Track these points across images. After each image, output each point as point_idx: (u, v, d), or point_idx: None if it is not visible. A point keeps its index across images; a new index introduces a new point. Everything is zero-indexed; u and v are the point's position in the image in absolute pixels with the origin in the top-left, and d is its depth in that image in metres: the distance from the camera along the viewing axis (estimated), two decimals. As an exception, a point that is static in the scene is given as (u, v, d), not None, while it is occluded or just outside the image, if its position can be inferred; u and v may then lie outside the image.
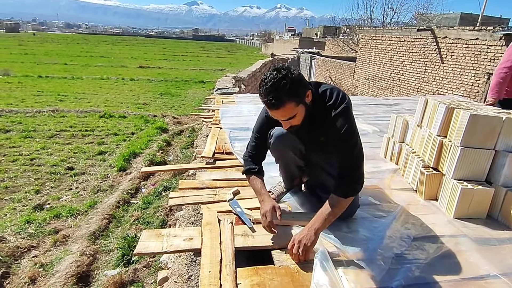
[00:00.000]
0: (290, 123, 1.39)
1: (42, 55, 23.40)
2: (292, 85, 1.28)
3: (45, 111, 7.92)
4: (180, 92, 12.28)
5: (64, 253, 2.92)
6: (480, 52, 7.78)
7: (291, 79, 1.28)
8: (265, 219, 1.46)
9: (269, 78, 1.28)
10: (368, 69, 12.99)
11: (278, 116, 1.37)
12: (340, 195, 1.41)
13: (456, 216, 1.79)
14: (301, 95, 1.35)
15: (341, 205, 1.43)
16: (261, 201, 1.56)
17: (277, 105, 1.30)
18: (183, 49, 41.90)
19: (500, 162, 1.79)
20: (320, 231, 1.40)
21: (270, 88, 1.27)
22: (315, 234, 1.36)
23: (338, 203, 1.42)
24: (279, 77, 1.27)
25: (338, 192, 1.42)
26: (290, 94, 1.29)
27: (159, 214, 3.40)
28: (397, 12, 19.49)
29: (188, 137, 6.28)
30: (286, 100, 1.29)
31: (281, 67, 1.32)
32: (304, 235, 1.36)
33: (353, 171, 1.44)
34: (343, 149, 1.43)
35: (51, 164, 4.89)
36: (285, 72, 1.29)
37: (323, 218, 1.40)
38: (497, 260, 1.45)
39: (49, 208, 3.76)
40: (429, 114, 2.12)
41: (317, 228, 1.37)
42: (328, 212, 1.40)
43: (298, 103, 1.34)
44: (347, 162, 1.44)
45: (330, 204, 1.41)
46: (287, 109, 1.32)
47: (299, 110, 1.36)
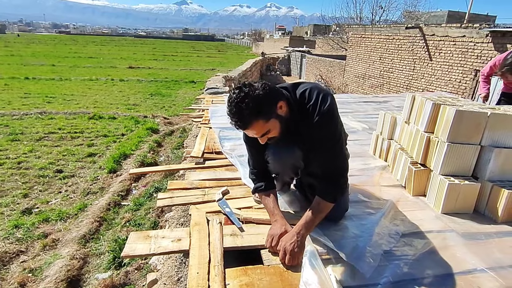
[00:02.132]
0: (267, 137, 1.35)
1: (29, 57, 22.96)
2: (256, 103, 1.22)
3: (32, 113, 7.77)
4: (171, 92, 12.18)
5: (54, 258, 2.87)
6: (467, 49, 7.90)
7: (254, 97, 1.22)
8: (270, 240, 1.40)
9: (233, 98, 1.23)
10: (358, 67, 13.08)
11: (251, 135, 1.33)
12: (324, 199, 1.41)
13: (444, 211, 1.81)
14: (268, 110, 1.28)
15: (326, 208, 1.42)
16: (273, 221, 1.50)
17: (244, 126, 1.26)
18: (173, 49, 41.57)
19: (485, 157, 1.82)
20: (306, 236, 1.39)
21: (234, 109, 1.23)
22: (302, 239, 1.35)
23: (323, 206, 1.41)
24: (241, 97, 1.22)
25: (323, 195, 1.41)
26: (256, 113, 1.23)
27: (151, 215, 3.37)
28: (385, 10, 19.66)
29: (179, 137, 6.24)
30: (252, 119, 1.24)
31: (243, 85, 1.26)
32: (291, 241, 1.33)
33: (337, 174, 1.44)
34: (327, 153, 1.41)
35: (39, 167, 4.80)
36: (247, 90, 1.23)
37: (308, 222, 1.38)
38: (484, 254, 1.47)
39: (38, 212, 3.69)
40: (416, 110, 2.14)
41: (303, 233, 1.36)
42: (313, 216, 1.39)
43: (267, 119, 1.28)
44: (331, 165, 1.43)
45: (315, 208, 1.41)
46: (257, 128, 1.28)
47: (271, 125, 1.30)
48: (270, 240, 1.40)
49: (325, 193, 1.41)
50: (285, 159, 1.55)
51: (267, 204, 1.57)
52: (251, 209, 1.75)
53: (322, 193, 1.42)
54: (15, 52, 25.94)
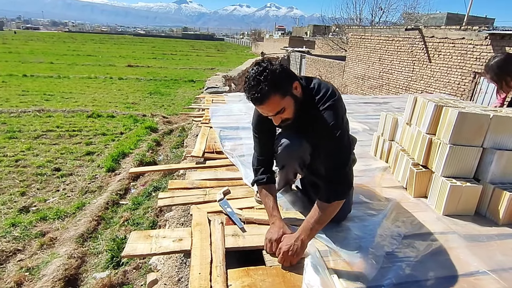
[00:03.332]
0: (281, 117, 1.33)
1: (27, 54, 22.87)
2: (274, 77, 1.24)
3: (30, 111, 7.75)
4: (170, 91, 12.17)
5: (51, 256, 2.85)
6: (466, 51, 7.92)
7: (272, 71, 1.24)
8: (270, 245, 1.38)
9: (251, 74, 1.25)
10: (357, 68, 13.09)
11: (266, 112, 1.31)
12: (325, 201, 1.34)
13: (446, 213, 1.80)
14: (285, 86, 1.29)
15: (329, 212, 1.36)
16: (271, 223, 1.47)
17: (261, 100, 1.24)
18: (172, 48, 41.51)
19: (487, 159, 1.81)
20: (308, 242, 1.35)
21: (252, 83, 1.23)
22: (302, 245, 1.32)
23: (325, 210, 1.34)
24: (260, 71, 1.23)
25: (324, 198, 1.35)
26: (274, 86, 1.23)
27: (149, 215, 3.36)
28: (385, 12, 19.73)
29: (178, 136, 6.23)
30: (270, 93, 1.23)
31: (262, 61, 1.28)
32: (289, 245, 1.30)
33: (340, 173, 1.37)
34: (330, 148, 1.37)
35: (37, 165, 4.78)
36: (265, 65, 1.25)
37: (310, 228, 1.34)
38: (486, 257, 1.46)
39: (35, 211, 3.68)
40: (418, 112, 2.14)
41: (304, 239, 1.33)
42: (314, 220, 1.34)
43: (283, 95, 1.28)
44: (333, 163, 1.37)
45: (317, 211, 1.35)
46: (273, 103, 1.26)
47: (286, 103, 1.30)
48: (269, 246, 1.38)
49: (326, 194, 1.36)
50: (294, 150, 1.53)
51: (267, 203, 1.53)
52: (253, 209, 1.74)
53: (322, 193, 1.37)
54: (13, 49, 25.82)
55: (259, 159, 1.61)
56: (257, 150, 1.61)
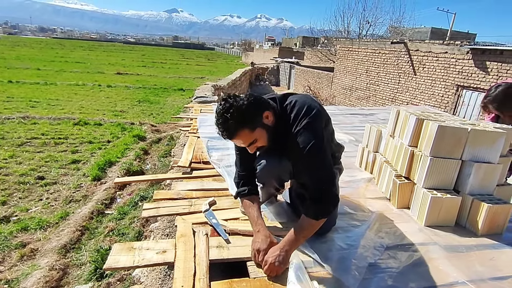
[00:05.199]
0: (255, 146, 1.36)
1: (13, 59, 22.47)
2: (240, 113, 1.25)
3: (14, 118, 7.58)
4: (159, 99, 12.10)
5: (32, 268, 2.77)
6: (449, 65, 8.18)
7: (238, 107, 1.25)
8: (257, 256, 1.37)
9: (219, 110, 1.28)
10: (345, 79, 13.33)
11: (239, 144, 1.35)
12: (311, 217, 1.36)
13: (427, 224, 1.84)
14: (253, 120, 1.30)
15: (313, 227, 1.38)
16: (256, 232, 1.46)
17: (230, 136, 1.29)
18: (162, 56, 41.45)
19: (466, 172, 1.87)
20: (291, 253, 1.37)
21: (220, 120, 1.27)
22: (286, 256, 1.34)
23: (310, 225, 1.37)
24: (226, 108, 1.25)
25: (309, 214, 1.36)
26: (240, 123, 1.26)
27: (135, 225, 3.30)
28: (372, 25, 20.21)
29: (167, 145, 6.18)
30: (238, 129, 1.27)
31: (228, 96, 1.29)
32: (275, 256, 1.32)
33: (324, 191, 1.36)
34: (310, 169, 1.37)
35: (20, 174, 4.66)
36: (231, 101, 1.26)
37: (294, 240, 1.36)
38: (465, 267, 1.50)
39: (16, 220, 3.57)
40: (400, 124, 2.20)
41: (288, 250, 1.35)
42: (299, 234, 1.36)
43: (253, 129, 1.30)
44: (315, 182, 1.36)
45: (301, 225, 1.37)
46: (243, 137, 1.30)
47: (257, 135, 1.32)
48: (257, 256, 1.38)
49: (308, 210, 1.37)
50: (273, 169, 1.55)
51: (251, 212, 1.53)
52: (238, 220, 1.74)
53: (306, 210, 1.38)
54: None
55: (240, 174, 1.64)
56: (239, 167, 1.64)
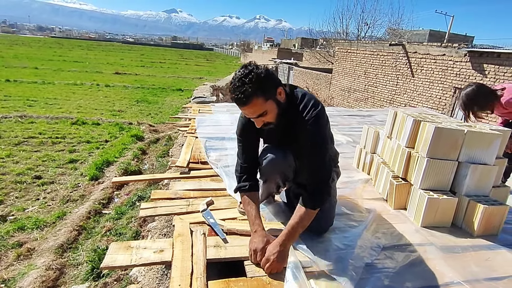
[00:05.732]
0: (263, 120, 1.37)
1: (11, 58, 22.38)
2: (259, 80, 1.27)
3: (12, 117, 7.55)
4: (157, 99, 12.09)
5: (28, 268, 2.76)
6: (447, 67, 8.22)
7: (257, 74, 1.28)
8: (254, 255, 1.39)
9: (237, 75, 1.29)
10: (343, 81, 13.37)
11: (248, 113, 1.34)
12: (309, 207, 1.40)
13: (423, 224, 1.85)
14: (269, 90, 1.33)
15: (310, 216, 1.42)
16: (253, 232, 1.47)
17: (244, 101, 1.28)
18: (161, 56, 41.40)
19: (462, 173, 1.88)
20: (290, 245, 1.39)
21: (237, 84, 1.27)
22: (285, 251, 1.36)
23: (307, 215, 1.40)
24: (245, 73, 1.27)
25: (308, 204, 1.40)
26: (257, 89, 1.27)
27: (132, 225, 3.30)
28: (370, 27, 20.31)
29: (165, 145, 6.17)
30: (253, 95, 1.27)
31: (248, 64, 1.32)
32: (275, 253, 1.33)
33: (323, 182, 1.43)
34: (313, 157, 1.41)
35: (16, 173, 4.64)
36: (251, 68, 1.29)
37: (292, 232, 1.39)
38: (461, 267, 1.51)
39: (13, 220, 3.56)
40: (398, 126, 2.21)
41: (287, 243, 1.37)
42: (297, 225, 1.39)
43: (266, 99, 1.32)
44: (317, 171, 1.42)
45: (298, 216, 1.40)
46: (256, 105, 1.30)
47: (269, 107, 1.34)
48: (254, 256, 1.39)
49: (305, 200, 1.41)
50: (278, 164, 1.56)
51: (249, 211, 1.54)
52: (236, 220, 1.74)
53: (303, 199, 1.42)
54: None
55: (243, 166, 1.62)
56: (241, 157, 1.62)
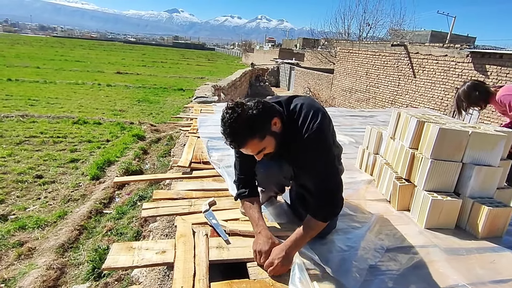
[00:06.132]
0: (263, 154, 1.35)
1: (13, 58, 22.43)
2: (250, 123, 1.21)
3: (13, 116, 7.57)
4: (159, 99, 12.10)
5: (29, 267, 2.76)
6: (449, 68, 8.19)
7: (248, 117, 1.21)
8: (259, 257, 1.38)
9: (226, 119, 1.21)
10: (345, 81, 13.35)
11: (246, 152, 1.32)
12: (315, 218, 1.38)
13: (427, 226, 1.84)
14: (263, 129, 1.27)
15: (319, 228, 1.40)
16: (257, 233, 1.46)
17: (239, 146, 1.27)
18: (162, 56, 41.45)
19: (467, 174, 1.87)
20: (295, 253, 1.38)
21: (228, 130, 1.22)
22: (291, 256, 1.35)
23: (316, 226, 1.38)
24: (234, 117, 1.20)
25: (317, 216, 1.38)
26: (250, 132, 1.23)
27: (134, 224, 3.30)
28: (372, 28, 20.25)
29: (166, 145, 6.17)
30: (248, 139, 1.24)
31: (235, 105, 1.23)
32: (281, 258, 1.32)
33: (332, 195, 1.39)
34: (319, 173, 1.38)
35: (18, 172, 4.64)
36: (240, 111, 1.21)
37: (299, 240, 1.37)
38: (465, 270, 1.49)
39: (14, 219, 3.56)
40: (401, 127, 2.19)
41: (293, 250, 1.36)
42: (304, 234, 1.37)
43: (262, 138, 1.27)
44: (324, 185, 1.38)
45: (307, 226, 1.38)
46: (252, 146, 1.27)
47: (266, 143, 1.30)
48: (259, 257, 1.38)
49: (316, 212, 1.38)
50: (273, 175, 1.56)
51: (251, 214, 1.53)
52: (238, 221, 1.73)
53: (313, 211, 1.39)
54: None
55: (240, 177, 1.62)
56: (238, 169, 1.62)
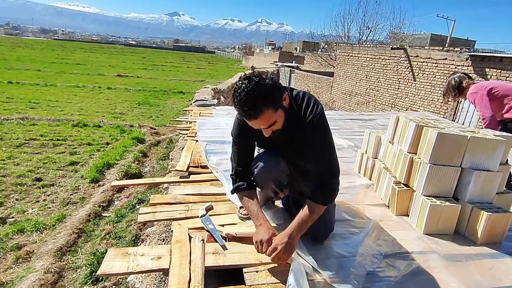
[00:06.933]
0: (272, 129, 1.36)
1: (14, 60, 22.49)
2: (267, 92, 1.24)
3: (13, 119, 7.56)
4: (159, 102, 12.10)
5: (27, 271, 2.74)
6: (449, 71, 8.18)
7: (265, 85, 1.24)
8: (260, 247, 1.38)
9: (242, 88, 1.22)
10: (345, 84, 13.35)
11: (258, 125, 1.31)
12: (319, 203, 1.41)
13: (426, 232, 1.82)
14: (277, 100, 1.30)
15: (319, 211, 1.43)
16: (258, 225, 1.46)
17: (255, 115, 1.25)
18: (163, 59, 41.51)
19: (466, 179, 1.86)
20: (298, 237, 1.40)
21: (245, 98, 1.22)
22: (293, 242, 1.36)
23: (317, 209, 1.42)
24: (252, 85, 1.22)
25: (318, 200, 1.42)
26: (267, 101, 1.24)
27: (132, 228, 3.28)
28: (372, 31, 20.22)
29: (166, 148, 6.16)
30: (264, 108, 1.24)
31: (252, 75, 1.28)
32: (284, 244, 1.33)
33: (332, 177, 1.44)
34: (322, 155, 1.42)
35: (17, 175, 4.63)
36: (257, 79, 1.24)
37: (300, 224, 1.39)
38: (464, 276, 1.48)
39: (13, 222, 3.54)
40: (400, 131, 2.19)
41: (295, 235, 1.37)
42: (305, 219, 1.40)
43: (276, 109, 1.29)
44: (326, 168, 1.43)
45: (308, 211, 1.40)
46: (266, 117, 1.27)
47: (278, 116, 1.32)
48: (260, 247, 1.38)
49: (318, 195, 1.42)
50: (270, 171, 1.55)
51: (250, 207, 1.52)
52: (235, 226, 1.72)
53: (313, 195, 1.42)
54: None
55: (237, 170, 1.60)
56: (235, 160, 1.60)
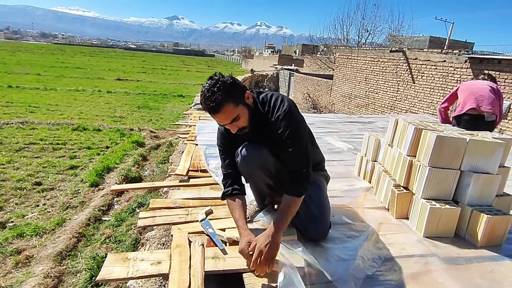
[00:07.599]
0: (237, 126, 1.43)
1: (14, 65, 22.54)
2: (226, 87, 1.35)
3: (13, 123, 7.57)
4: (159, 105, 12.12)
5: (27, 276, 2.73)
6: (448, 74, 8.21)
7: (224, 82, 1.36)
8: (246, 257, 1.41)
9: (206, 86, 1.36)
10: (344, 87, 13.37)
11: (222, 120, 1.40)
12: (294, 195, 1.46)
13: (426, 235, 1.82)
14: (238, 95, 1.40)
15: (296, 204, 1.47)
16: (239, 233, 1.51)
17: (216, 108, 1.34)
18: (162, 63, 41.60)
19: (465, 182, 1.86)
20: (280, 235, 1.42)
21: (207, 94, 1.34)
22: (276, 239, 1.38)
23: (293, 202, 1.46)
24: (213, 83, 1.35)
25: (292, 192, 1.46)
26: (226, 95, 1.34)
27: (132, 232, 3.27)
28: (371, 34, 20.32)
29: (165, 151, 6.17)
30: (224, 101, 1.33)
31: (214, 74, 1.40)
32: (266, 243, 1.35)
33: (303, 172, 1.48)
34: (290, 151, 1.47)
35: (17, 179, 4.63)
36: (217, 77, 1.37)
37: (279, 221, 1.42)
38: (464, 279, 1.48)
39: (12, 227, 3.54)
40: (399, 134, 2.19)
41: (277, 234, 1.39)
42: (286, 213, 1.44)
43: (237, 104, 1.38)
44: (297, 161, 1.48)
45: (286, 205, 1.45)
46: (227, 111, 1.36)
47: (240, 111, 1.40)
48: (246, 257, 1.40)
49: (292, 189, 1.46)
50: (252, 158, 1.59)
51: (233, 216, 1.57)
52: (235, 230, 1.71)
53: (287, 188, 1.47)
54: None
55: (225, 173, 1.67)
56: (223, 165, 1.68)
